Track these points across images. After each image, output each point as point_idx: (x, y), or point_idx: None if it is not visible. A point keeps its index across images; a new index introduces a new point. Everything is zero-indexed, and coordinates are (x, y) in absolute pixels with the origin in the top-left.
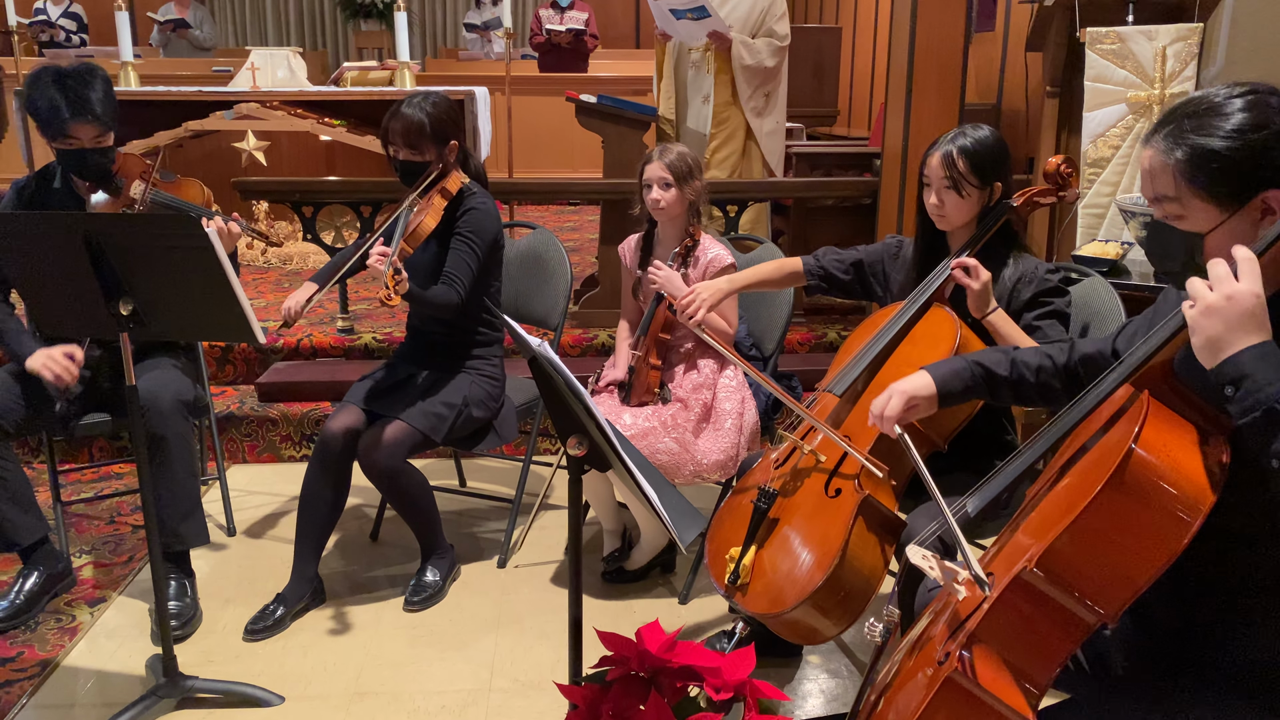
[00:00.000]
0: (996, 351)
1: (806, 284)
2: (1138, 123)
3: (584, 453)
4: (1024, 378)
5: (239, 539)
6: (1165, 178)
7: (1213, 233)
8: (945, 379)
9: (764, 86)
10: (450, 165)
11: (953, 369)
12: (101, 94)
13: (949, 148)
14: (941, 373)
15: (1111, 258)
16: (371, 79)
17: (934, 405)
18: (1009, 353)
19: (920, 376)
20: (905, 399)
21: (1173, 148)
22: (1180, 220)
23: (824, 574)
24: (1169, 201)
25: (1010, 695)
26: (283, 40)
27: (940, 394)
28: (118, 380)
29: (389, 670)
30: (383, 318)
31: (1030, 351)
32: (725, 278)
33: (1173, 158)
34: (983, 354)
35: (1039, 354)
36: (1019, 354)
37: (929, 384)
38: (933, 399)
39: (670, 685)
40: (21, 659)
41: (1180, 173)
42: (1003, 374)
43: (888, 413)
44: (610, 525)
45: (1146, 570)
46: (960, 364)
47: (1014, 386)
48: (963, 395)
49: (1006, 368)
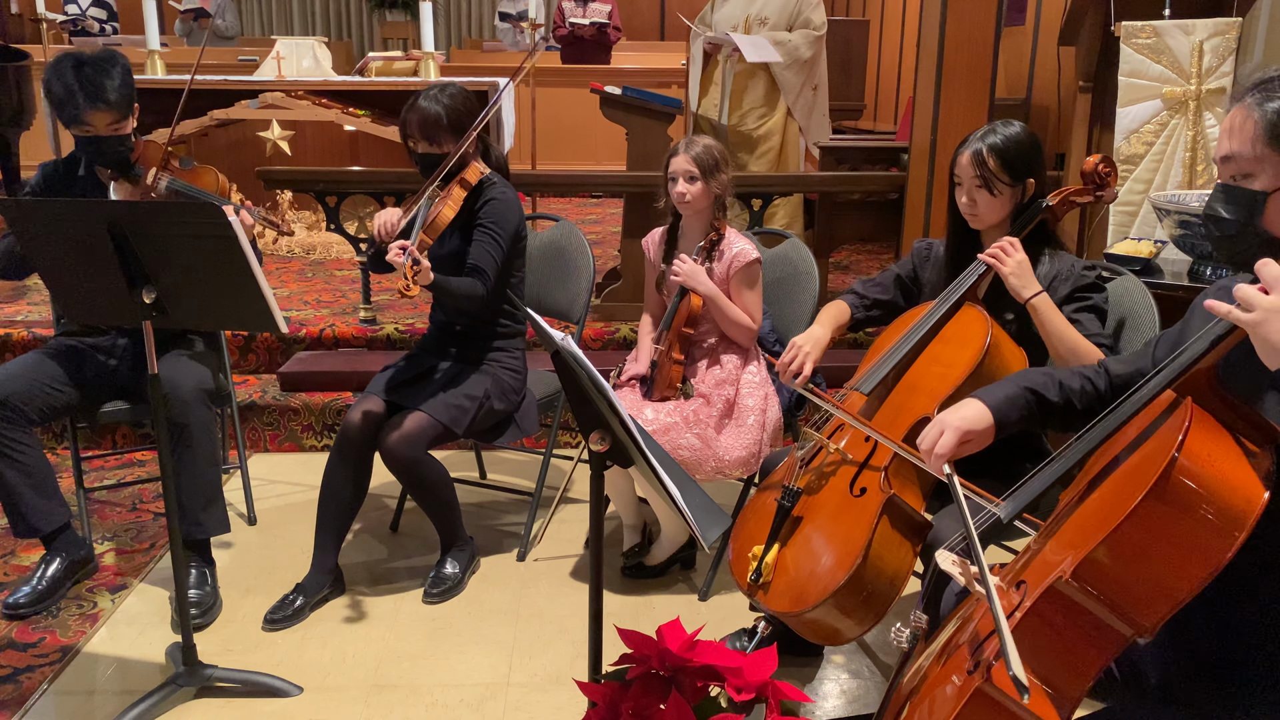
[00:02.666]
0: (1038, 373)
1: (854, 320)
2: (1173, 119)
3: (606, 448)
4: (1071, 403)
5: (259, 528)
6: (1245, 132)
7: (1277, 193)
8: (1002, 409)
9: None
10: (469, 156)
11: (1008, 397)
12: (118, 81)
13: (979, 145)
14: (997, 401)
15: (1144, 256)
16: (396, 69)
17: (990, 438)
18: (1052, 375)
19: (974, 406)
20: (959, 435)
21: (1263, 102)
22: (1249, 179)
23: (846, 573)
24: (1243, 159)
25: (1042, 707)
26: (308, 30)
27: (997, 424)
28: (140, 368)
29: (408, 662)
30: (405, 309)
31: (1071, 375)
32: (819, 326)
33: (1260, 110)
34: (1029, 378)
35: (1080, 377)
36: (1062, 376)
37: (985, 415)
38: (989, 431)
39: (691, 685)
40: (43, 644)
41: (1266, 126)
42: (1053, 399)
43: (939, 450)
44: (630, 520)
45: (1187, 584)
46: (1014, 390)
47: (1063, 413)
48: (1018, 424)
49: (1056, 393)
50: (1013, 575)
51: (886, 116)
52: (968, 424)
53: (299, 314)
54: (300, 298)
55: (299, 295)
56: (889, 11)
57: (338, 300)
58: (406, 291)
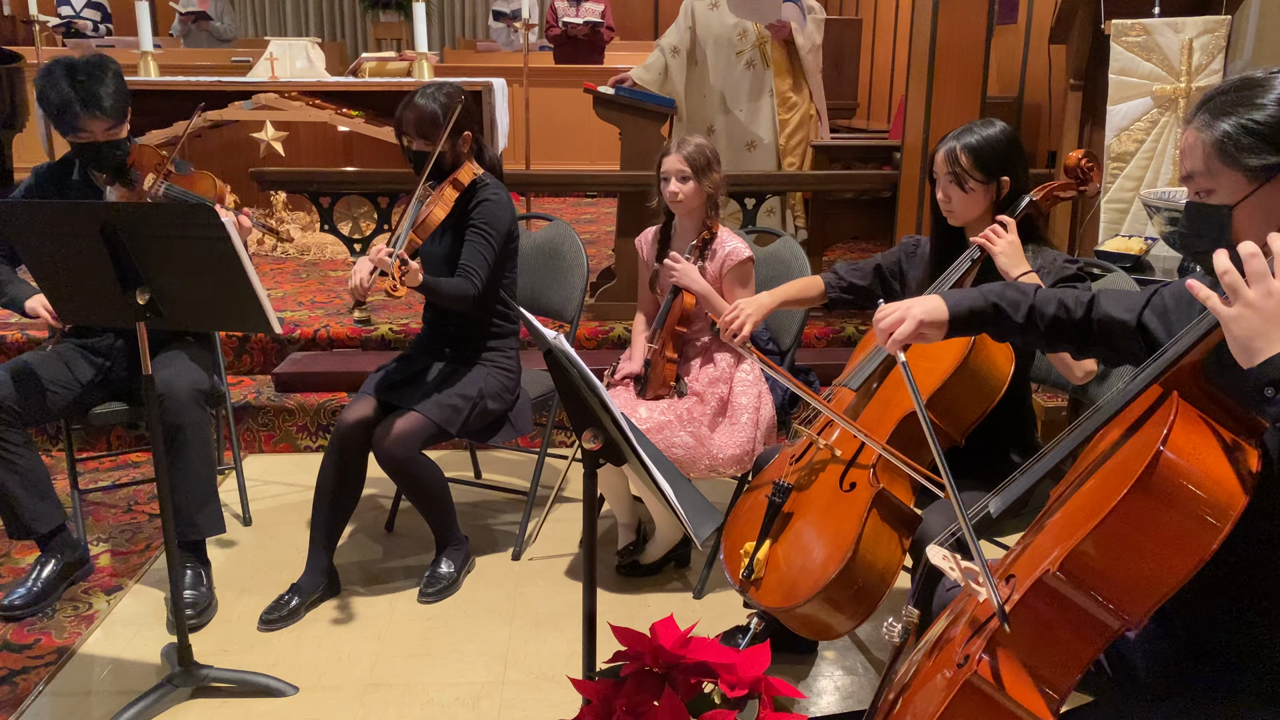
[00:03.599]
0: (1014, 290)
1: (828, 298)
2: (1163, 116)
3: (599, 446)
4: (1035, 325)
5: (255, 529)
6: (1197, 153)
7: (1240, 205)
8: (958, 305)
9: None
10: (463, 156)
11: (971, 304)
12: (112, 88)
13: (954, 144)
14: (957, 300)
15: (1135, 253)
16: (390, 70)
17: (942, 331)
18: (1029, 295)
19: (933, 299)
20: (917, 323)
21: (1211, 122)
22: (1210, 195)
23: (837, 567)
24: (1200, 176)
25: (1031, 700)
26: (301, 31)
27: (951, 320)
28: (135, 369)
29: (403, 661)
30: (399, 309)
31: (1048, 297)
32: (767, 293)
33: (1208, 132)
34: (1003, 291)
35: (1057, 303)
36: (1038, 301)
37: (941, 308)
38: (943, 324)
39: (684, 681)
40: (38, 646)
41: (1214, 145)
42: (1017, 320)
43: (898, 335)
44: (625, 519)
45: (1173, 576)
46: (976, 296)
47: (1023, 331)
48: (968, 320)
49: (1023, 314)
50: (1002, 569)
51: (879, 115)
52: (927, 314)
53: (293, 315)
54: (294, 298)
55: (293, 296)
56: (881, 10)
57: (332, 301)
58: (393, 292)
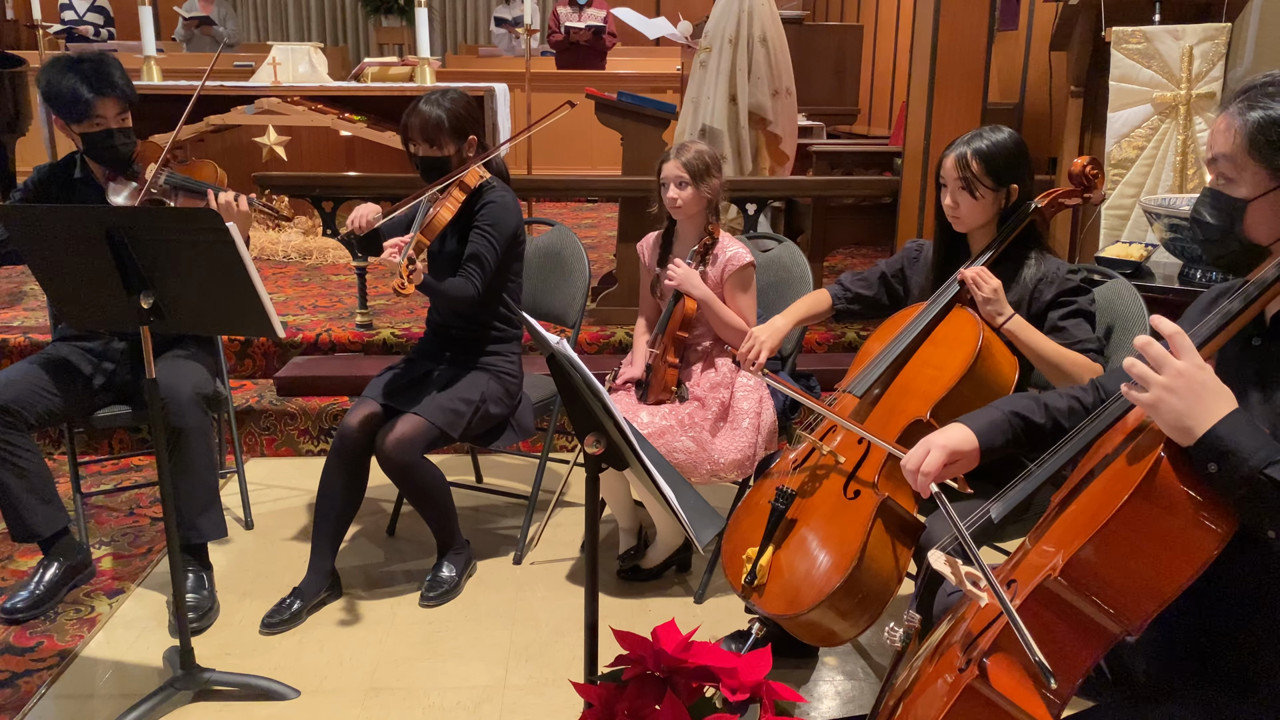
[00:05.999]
0: (1025, 399)
1: (835, 310)
2: (1163, 123)
3: (601, 451)
4: (1059, 423)
5: (256, 533)
6: (1229, 138)
7: (1256, 201)
8: (986, 434)
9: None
10: (470, 160)
11: (991, 422)
12: (120, 72)
13: (964, 149)
14: (981, 426)
15: (1135, 259)
16: (392, 75)
17: (975, 461)
18: (1038, 399)
19: (960, 431)
20: (946, 454)
21: (1246, 110)
22: (1230, 185)
23: (842, 576)
24: (1225, 160)
25: (1032, 704)
26: (304, 36)
27: (982, 450)
28: (138, 373)
29: (404, 665)
30: (401, 313)
31: (1057, 396)
32: (780, 316)
33: (1242, 119)
34: (1015, 403)
35: (1066, 397)
36: (1049, 399)
37: (970, 439)
38: (974, 454)
39: (686, 685)
40: (41, 649)
41: (1246, 135)
42: (1039, 421)
43: (925, 468)
44: (626, 524)
45: (1174, 581)
46: (997, 415)
47: (1051, 434)
48: (1003, 449)
49: (1042, 415)
50: (1003, 575)
51: (880, 121)
52: (954, 445)
53: (295, 319)
54: (296, 302)
55: (295, 300)
56: (883, 17)
57: (334, 305)
58: (401, 290)
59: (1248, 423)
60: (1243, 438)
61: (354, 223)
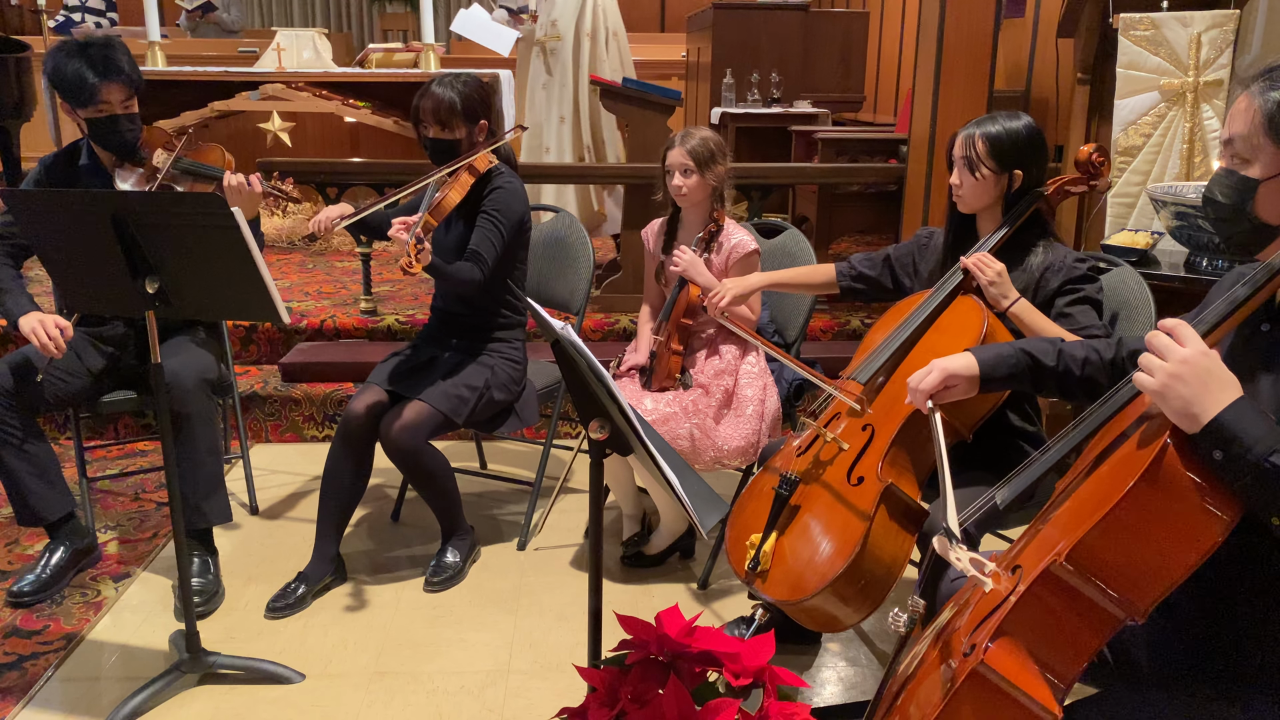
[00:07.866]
0: (1044, 341)
1: (839, 287)
2: (1170, 110)
3: (606, 436)
4: (1070, 370)
5: (261, 517)
6: (1247, 118)
7: (1269, 181)
8: (990, 363)
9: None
10: (479, 145)
11: (998, 354)
12: (126, 57)
13: (974, 130)
14: (986, 356)
15: (1141, 247)
16: (396, 61)
17: (974, 388)
18: (1056, 343)
19: (964, 357)
20: (945, 374)
21: (1267, 89)
22: (1244, 165)
23: (845, 562)
24: (1241, 141)
25: (1036, 689)
26: (308, 22)
27: (983, 377)
28: (143, 358)
29: (409, 650)
30: (406, 300)
31: (1077, 344)
32: (756, 274)
33: (1262, 98)
34: (1030, 342)
35: (1086, 347)
36: (1066, 345)
37: (972, 364)
38: (974, 380)
39: (689, 670)
40: (47, 632)
41: (1265, 115)
42: (1049, 364)
43: (924, 385)
44: (630, 510)
45: (1179, 567)
46: (1007, 350)
47: (1059, 378)
48: (1005, 382)
49: (1053, 358)
50: (1009, 560)
51: (886, 108)
52: (954, 369)
53: (300, 305)
54: (301, 289)
55: (300, 286)
56: (889, 3)
57: (339, 291)
58: (409, 269)
59: (1253, 410)
60: (1248, 425)
61: (315, 225)
